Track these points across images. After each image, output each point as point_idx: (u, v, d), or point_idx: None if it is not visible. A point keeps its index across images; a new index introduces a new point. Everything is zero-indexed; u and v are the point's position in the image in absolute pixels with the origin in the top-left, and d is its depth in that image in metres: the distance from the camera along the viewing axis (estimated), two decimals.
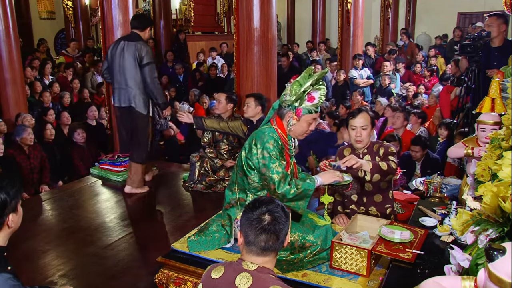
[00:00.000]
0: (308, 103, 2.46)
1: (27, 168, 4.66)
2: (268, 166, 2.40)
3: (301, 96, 2.45)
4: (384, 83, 7.95)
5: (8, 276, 1.70)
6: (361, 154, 3.06)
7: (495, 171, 1.72)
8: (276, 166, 2.40)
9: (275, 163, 2.40)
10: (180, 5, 11.98)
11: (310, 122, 2.52)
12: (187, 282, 2.52)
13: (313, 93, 2.46)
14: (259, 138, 2.47)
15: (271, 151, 2.41)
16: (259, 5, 4.55)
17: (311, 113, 2.49)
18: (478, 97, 4.48)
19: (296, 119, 2.48)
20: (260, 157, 2.43)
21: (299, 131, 2.54)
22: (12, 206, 1.77)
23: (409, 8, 13.07)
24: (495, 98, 3.43)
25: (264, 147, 2.42)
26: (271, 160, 2.40)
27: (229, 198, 2.65)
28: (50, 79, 7.95)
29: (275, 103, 2.63)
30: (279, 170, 2.40)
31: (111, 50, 4.21)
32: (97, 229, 3.67)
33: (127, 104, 4.17)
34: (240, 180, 2.59)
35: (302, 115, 2.47)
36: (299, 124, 2.50)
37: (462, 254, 1.63)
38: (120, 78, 4.14)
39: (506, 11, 4.60)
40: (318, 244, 2.46)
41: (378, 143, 3.09)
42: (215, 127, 4.23)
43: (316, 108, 2.50)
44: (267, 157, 2.41)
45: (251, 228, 1.65)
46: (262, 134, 2.49)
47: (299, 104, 2.47)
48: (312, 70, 2.49)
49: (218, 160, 4.45)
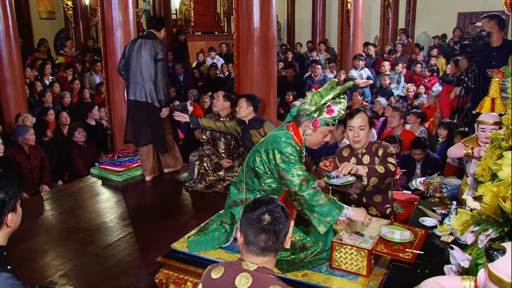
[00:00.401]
0: (327, 115, 2.46)
1: (27, 168, 4.66)
2: (288, 170, 2.39)
3: (321, 107, 2.45)
4: (384, 83, 7.95)
5: (8, 276, 1.69)
6: (360, 154, 3.07)
7: (495, 171, 1.72)
8: (297, 169, 2.39)
9: (295, 166, 2.40)
10: (180, 5, 11.98)
11: (326, 133, 2.53)
12: (187, 282, 2.52)
13: (333, 106, 2.46)
14: (275, 143, 2.45)
15: (290, 155, 2.41)
16: (259, 5, 4.55)
17: (328, 125, 2.49)
18: (478, 97, 4.48)
19: (312, 129, 2.48)
20: (279, 162, 2.41)
21: (313, 142, 2.54)
22: (11, 206, 1.77)
23: (409, 8, 13.07)
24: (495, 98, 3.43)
25: (282, 152, 2.41)
26: (290, 163, 2.40)
27: (235, 197, 2.63)
28: (50, 79, 7.95)
29: (294, 110, 2.61)
30: (300, 173, 2.39)
31: (128, 48, 4.55)
32: (97, 229, 3.67)
33: (143, 99, 4.49)
34: (250, 180, 2.56)
35: (319, 126, 2.47)
36: (315, 135, 2.50)
37: (462, 254, 1.63)
38: (137, 74, 4.45)
39: (506, 11, 4.61)
40: (319, 244, 2.46)
41: (377, 143, 3.09)
42: (212, 127, 4.27)
43: (333, 120, 2.50)
44: (286, 161, 2.40)
45: (251, 228, 1.65)
46: (278, 139, 2.47)
47: (318, 115, 2.47)
48: (335, 83, 2.48)
49: (214, 157, 4.47)
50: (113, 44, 5.31)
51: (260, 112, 4.42)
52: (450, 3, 12.51)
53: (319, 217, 2.37)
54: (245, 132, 4.17)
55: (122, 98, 5.45)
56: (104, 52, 5.49)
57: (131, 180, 4.86)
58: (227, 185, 4.43)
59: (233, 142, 4.52)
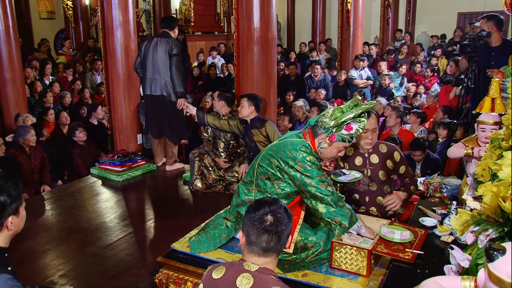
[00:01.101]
0: (345, 132, 2.45)
1: (28, 169, 4.67)
2: (313, 177, 2.39)
3: (341, 124, 2.44)
4: (384, 83, 7.95)
5: (8, 277, 1.69)
6: (367, 154, 3.12)
7: (495, 171, 1.72)
8: (321, 175, 2.41)
9: (319, 173, 2.41)
10: (180, 5, 11.97)
11: (341, 149, 2.52)
12: (187, 282, 2.52)
13: (352, 124, 2.45)
14: (295, 152, 2.43)
15: (312, 164, 2.40)
16: (259, 5, 4.55)
17: (344, 141, 2.48)
18: (478, 97, 4.48)
19: (328, 144, 2.47)
20: (302, 170, 2.40)
21: (327, 155, 2.54)
22: (13, 209, 1.75)
23: (409, 8, 13.07)
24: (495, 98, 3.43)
25: (303, 161, 2.40)
26: (313, 171, 2.40)
27: (244, 197, 2.59)
28: (50, 79, 7.95)
29: (312, 119, 2.60)
30: (323, 179, 2.41)
31: (144, 46, 4.85)
32: (97, 229, 3.67)
33: (159, 93, 4.79)
34: (262, 182, 2.53)
35: (335, 141, 2.46)
36: (330, 149, 2.49)
37: (462, 254, 1.63)
38: (153, 70, 4.77)
39: (506, 11, 4.61)
40: (321, 244, 2.45)
41: (383, 143, 3.17)
42: (215, 124, 4.28)
43: (351, 138, 2.49)
44: (309, 169, 2.40)
45: (253, 228, 1.65)
46: (297, 147, 2.44)
47: (336, 131, 2.45)
48: (359, 101, 2.47)
49: (212, 153, 4.49)
50: (113, 44, 5.31)
51: (261, 111, 4.42)
52: (450, 3, 12.51)
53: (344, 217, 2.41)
54: (246, 131, 4.18)
55: (122, 98, 5.45)
56: (104, 52, 5.49)
57: (131, 180, 4.86)
58: (227, 185, 4.43)
59: (232, 141, 4.52)
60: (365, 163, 3.13)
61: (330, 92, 8.15)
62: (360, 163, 3.13)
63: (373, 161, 3.11)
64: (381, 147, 3.12)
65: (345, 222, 2.40)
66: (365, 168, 3.12)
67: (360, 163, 3.13)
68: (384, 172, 3.11)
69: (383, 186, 3.12)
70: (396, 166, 3.11)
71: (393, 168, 3.12)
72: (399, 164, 3.11)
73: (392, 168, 3.12)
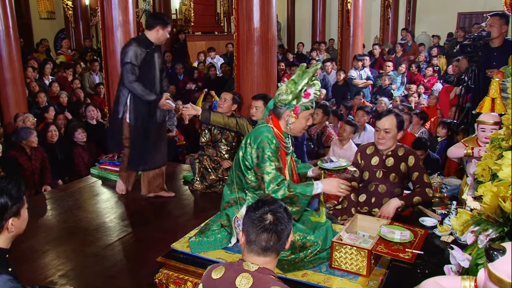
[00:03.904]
0: (305, 100, 2.49)
1: (28, 170, 4.66)
2: (260, 166, 2.44)
3: (298, 94, 2.47)
4: (384, 84, 7.95)
5: (8, 278, 1.69)
6: (384, 156, 3.08)
7: (495, 171, 1.72)
8: (267, 166, 2.43)
9: (266, 163, 2.43)
10: (180, 5, 11.98)
11: (308, 118, 2.55)
12: (187, 282, 2.52)
13: (309, 90, 2.49)
14: (253, 137, 2.50)
15: (263, 151, 2.44)
16: (259, 5, 4.55)
17: (308, 109, 2.52)
18: (478, 97, 4.48)
19: (295, 117, 2.50)
20: (254, 156, 2.46)
21: (298, 128, 2.56)
22: (13, 211, 1.74)
23: (409, 8, 13.08)
24: (495, 98, 3.43)
25: (258, 147, 2.46)
26: (263, 160, 2.43)
27: (228, 198, 2.65)
28: (50, 79, 7.94)
29: (270, 103, 2.65)
30: (269, 171, 2.43)
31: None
32: (97, 229, 3.67)
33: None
34: (238, 179, 2.60)
35: (300, 112, 2.49)
36: (298, 121, 2.52)
37: (462, 254, 1.62)
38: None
39: (506, 11, 4.60)
40: (319, 243, 2.46)
41: (404, 147, 3.11)
42: (220, 122, 3.98)
43: (312, 103, 2.53)
44: (260, 156, 2.44)
45: (253, 227, 1.65)
46: (258, 133, 2.51)
47: (297, 102, 2.49)
48: (304, 67, 2.50)
49: (218, 158, 4.45)
50: (113, 44, 5.31)
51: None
52: (450, 3, 12.51)
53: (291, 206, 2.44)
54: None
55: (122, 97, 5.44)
56: (104, 52, 5.49)
57: None
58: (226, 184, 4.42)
59: (235, 143, 4.49)
60: (381, 164, 3.09)
61: (329, 92, 8.15)
62: (376, 163, 3.10)
63: (388, 164, 3.05)
64: (400, 150, 3.06)
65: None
66: (379, 170, 3.09)
67: (376, 163, 3.10)
68: (395, 175, 3.05)
69: (393, 189, 3.07)
70: (410, 171, 3.03)
71: (406, 172, 3.05)
72: (413, 170, 3.02)
73: (405, 172, 3.05)
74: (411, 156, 3.04)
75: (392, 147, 3.06)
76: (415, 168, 3.02)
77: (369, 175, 3.13)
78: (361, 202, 3.16)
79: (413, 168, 3.02)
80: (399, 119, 3.02)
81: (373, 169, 3.11)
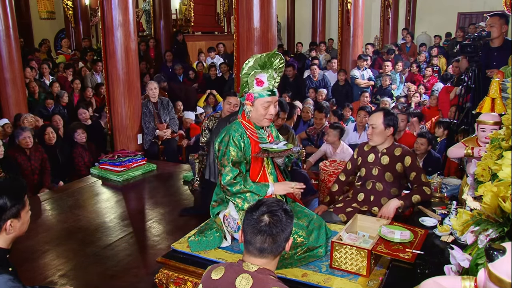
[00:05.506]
0: (258, 88, 2.48)
1: (28, 170, 4.66)
2: (220, 159, 2.49)
3: (249, 81, 2.49)
4: (385, 84, 7.95)
5: (9, 278, 1.69)
6: (380, 153, 3.13)
7: (495, 171, 1.72)
8: (224, 159, 2.47)
9: (224, 156, 2.47)
10: (180, 5, 11.98)
11: (265, 105, 2.51)
12: (187, 282, 2.52)
13: (260, 77, 2.47)
14: (222, 134, 2.54)
15: (224, 145, 2.48)
16: (259, 5, 4.55)
17: (263, 97, 2.49)
18: (478, 97, 4.48)
19: (250, 105, 2.52)
20: (216, 150, 2.52)
21: (256, 116, 2.54)
22: (13, 212, 1.74)
23: (409, 8, 13.07)
24: (495, 98, 3.43)
25: (220, 141, 2.51)
26: (222, 154, 2.48)
27: (216, 197, 2.68)
28: (50, 79, 7.94)
29: (242, 99, 2.65)
30: (226, 164, 2.47)
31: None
32: (97, 229, 3.67)
33: None
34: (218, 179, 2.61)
35: (254, 99, 2.50)
36: (255, 109, 2.52)
37: (462, 254, 1.62)
38: None
39: (506, 11, 4.59)
40: (310, 241, 2.45)
41: (401, 147, 3.12)
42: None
43: (268, 91, 2.49)
44: (221, 150, 2.49)
45: (249, 227, 1.64)
46: (226, 129, 2.55)
47: (249, 89, 2.51)
48: (257, 56, 2.49)
49: None
50: (113, 44, 5.31)
51: None
52: (450, 3, 12.51)
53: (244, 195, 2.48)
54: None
55: (122, 98, 5.46)
56: (104, 52, 5.49)
57: (131, 180, 4.86)
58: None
59: None
60: (376, 161, 3.14)
61: (329, 92, 8.15)
62: (371, 160, 3.16)
63: (383, 162, 3.09)
64: (396, 150, 3.09)
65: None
66: (375, 167, 3.13)
67: (372, 160, 3.16)
68: (390, 174, 3.08)
69: (390, 188, 3.10)
70: (407, 172, 3.05)
71: (402, 172, 3.07)
72: (410, 170, 3.04)
73: (401, 172, 3.07)
74: (407, 156, 3.06)
75: (384, 144, 3.10)
76: (412, 168, 3.04)
77: (366, 171, 3.18)
78: (360, 201, 3.18)
79: (410, 168, 3.04)
80: (388, 116, 3.04)
81: (369, 166, 3.16)
